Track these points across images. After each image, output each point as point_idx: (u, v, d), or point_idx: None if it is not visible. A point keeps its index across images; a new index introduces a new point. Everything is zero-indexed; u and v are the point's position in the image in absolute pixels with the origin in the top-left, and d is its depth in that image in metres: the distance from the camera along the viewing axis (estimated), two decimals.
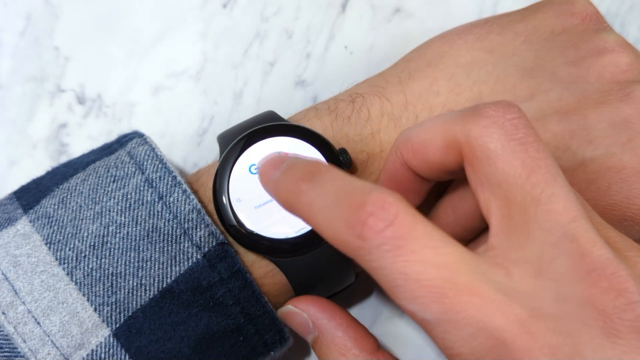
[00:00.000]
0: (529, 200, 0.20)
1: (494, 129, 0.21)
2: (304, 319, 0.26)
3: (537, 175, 0.20)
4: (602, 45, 0.30)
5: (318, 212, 0.21)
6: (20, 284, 0.25)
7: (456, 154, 0.22)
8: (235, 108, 0.36)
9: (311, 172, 0.22)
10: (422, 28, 0.37)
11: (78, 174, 0.27)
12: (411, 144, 0.23)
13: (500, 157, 0.20)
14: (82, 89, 0.35)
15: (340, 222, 0.20)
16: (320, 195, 0.21)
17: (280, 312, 0.27)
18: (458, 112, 0.22)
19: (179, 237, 0.26)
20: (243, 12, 0.37)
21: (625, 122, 0.28)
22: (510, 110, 0.21)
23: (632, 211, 0.27)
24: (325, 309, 0.26)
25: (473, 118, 0.21)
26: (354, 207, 0.20)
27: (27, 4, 0.36)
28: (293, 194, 0.22)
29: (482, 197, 0.21)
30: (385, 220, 0.19)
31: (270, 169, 0.23)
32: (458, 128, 0.21)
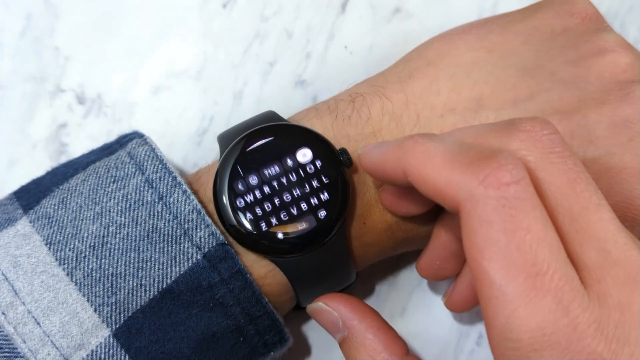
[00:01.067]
0: (577, 209, 0.20)
1: (532, 142, 0.21)
2: (335, 317, 0.26)
3: (580, 185, 0.20)
4: (602, 45, 0.30)
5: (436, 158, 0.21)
6: (20, 284, 0.25)
7: None
8: (235, 108, 0.36)
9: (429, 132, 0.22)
10: (422, 28, 0.37)
11: (78, 175, 0.27)
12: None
13: (541, 169, 0.21)
14: (82, 89, 0.35)
15: (461, 166, 0.20)
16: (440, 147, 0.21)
17: (311, 308, 0.27)
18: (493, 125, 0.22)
19: (179, 238, 0.26)
20: (243, 12, 0.37)
21: (625, 122, 0.28)
22: (547, 127, 0.21)
23: (633, 212, 0.27)
24: (357, 309, 0.26)
25: (510, 132, 0.21)
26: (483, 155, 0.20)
27: (27, 4, 0.36)
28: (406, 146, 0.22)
29: None
30: (513, 176, 0.19)
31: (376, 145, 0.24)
32: (494, 142, 0.21)
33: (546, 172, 0.21)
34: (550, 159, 0.21)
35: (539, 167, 0.21)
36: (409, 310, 0.34)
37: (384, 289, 0.34)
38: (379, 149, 0.24)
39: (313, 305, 0.27)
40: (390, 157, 0.23)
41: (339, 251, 0.27)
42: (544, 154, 0.21)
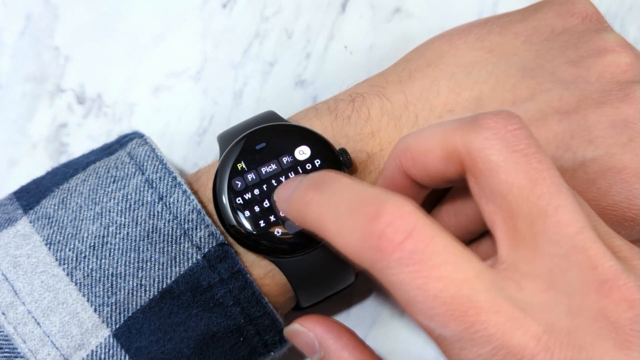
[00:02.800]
0: (535, 212, 0.20)
1: (496, 140, 0.20)
2: (311, 338, 0.25)
3: (541, 186, 0.20)
4: (602, 45, 0.30)
5: (329, 222, 0.20)
6: (20, 284, 0.25)
7: (457, 164, 0.21)
8: (235, 108, 0.36)
9: (320, 182, 0.22)
10: (422, 28, 0.37)
11: (78, 175, 0.27)
12: (410, 153, 0.23)
13: (503, 169, 0.20)
14: (82, 89, 0.35)
15: (354, 233, 0.19)
16: (330, 205, 0.21)
17: (287, 330, 0.26)
18: (458, 122, 0.22)
19: (179, 238, 0.26)
20: (243, 12, 0.37)
21: (625, 122, 0.28)
22: (512, 121, 0.21)
23: (633, 212, 0.27)
24: (332, 329, 0.25)
25: (474, 129, 0.21)
26: (369, 216, 0.19)
27: (27, 4, 0.36)
28: (302, 205, 0.22)
29: (486, 209, 0.21)
30: (403, 231, 0.19)
31: (283, 190, 0.24)
32: (458, 139, 0.21)
33: (508, 172, 0.20)
34: (514, 158, 0.20)
35: (501, 167, 0.20)
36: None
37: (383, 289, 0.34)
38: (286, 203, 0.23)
39: (289, 328, 0.26)
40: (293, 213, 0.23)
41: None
42: (508, 152, 0.20)
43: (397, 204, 0.19)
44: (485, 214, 0.21)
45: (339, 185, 0.21)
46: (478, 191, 0.21)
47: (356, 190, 0.20)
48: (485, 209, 0.21)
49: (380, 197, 0.20)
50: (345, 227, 0.20)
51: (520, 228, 0.20)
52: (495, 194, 0.20)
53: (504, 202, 0.20)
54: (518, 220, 0.20)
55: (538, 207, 0.20)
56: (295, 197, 0.22)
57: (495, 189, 0.20)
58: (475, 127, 0.21)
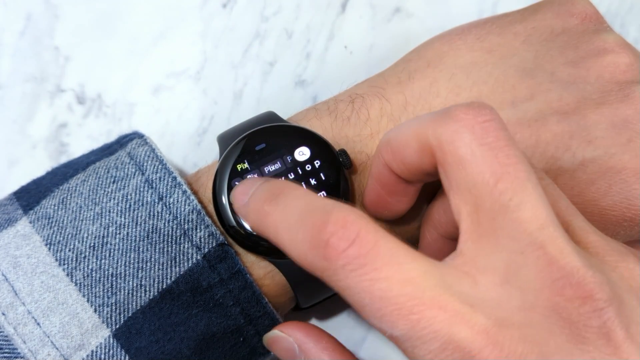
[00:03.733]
0: (497, 207, 0.20)
1: (464, 133, 0.20)
2: (290, 343, 0.25)
3: (505, 182, 0.20)
4: (601, 45, 0.30)
5: (283, 234, 0.21)
6: (20, 284, 0.25)
7: (430, 157, 0.21)
8: (235, 108, 0.36)
9: (275, 194, 0.22)
10: (422, 28, 0.37)
11: (78, 175, 0.27)
12: (390, 147, 0.23)
13: (470, 163, 0.20)
14: (82, 89, 0.35)
15: (304, 244, 0.20)
16: (284, 217, 0.21)
17: (266, 337, 0.27)
18: (431, 115, 0.22)
19: (178, 238, 0.26)
20: (243, 12, 0.37)
21: (624, 122, 0.28)
22: (481, 113, 0.21)
23: (632, 212, 0.27)
24: (311, 333, 0.25)
25: (444, 121, 0.21)
26: (316, 227, 0.20)
27: (27, 4, 0.36)
28: (259, 217, 0.22)
29: (453, 201, 0.21)
30: (347, 239, 0.19)
31: (240, 196, 0.24)
32: (430, 131, 0.21)
33: (474, 166, 0.20)
34: (481, 152, 0.20)
35: (467, 160, 0.20)
36: None
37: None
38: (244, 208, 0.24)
39: (268, 335, 0.26)
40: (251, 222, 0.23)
41: None
42: (476, 145, 0.20)
43: (342, 213, 0.20)
44: (453, 207, 0.21)
45: (292, 196, 0.22)
46: (447, 184, 0.21)
47: (306, 202, 0.21)
48: (453, 201, 0.21)
49: (327, 207, 0.20)
50: (296, 239, 0.20)
51: (483, 223, 0.20)
52: (461, 187, 0.20)
53: (468, 196, 0.20)
54: (480, 214, 0.20)
55: (500, 202, 0.20)
56: (253, 208, 0.23)
57: (461, 183, 0.20)
58: (445, 119, 0.21)
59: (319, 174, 0.27)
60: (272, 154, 0.27)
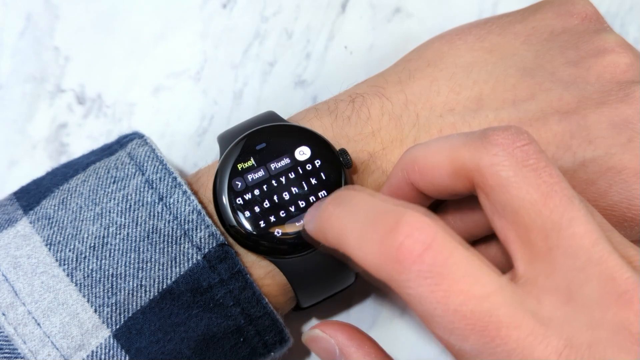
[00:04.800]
0: (549, 226, 0.20)
1: (505, 156, 0.20)
2: (332, 344, 0.25)
3: (554, 200, 0.20)
4: (602, 45, 0.30)
5: (349, 235, 0.20)
6: (21, 285, 0.25)
7: (465, 180, 0.21)
8: (235, 108, 0.36)
9: (341, 196, 0.22)
10: (422, 28, 0.37)
11: (78, 175, 0.27)
12: (418, 166, 0.23)
13: (514, 185, 0.20)
14: (82, 89, 0.35)
15: (373, 246, 0.19)
16: (350, 217, 0.21)
17: (307, 335, 0.26)
18: (465, 137, 0.22)
19: (179, 238, 0.26)
20: (243, 12, 0.37)
21: (625, 122, 0.28)
22: (520, 137, 0.21)
23: (633, 212, 0.27)
24: (354, 336, 0.25)
25: (482, 146, 0.21)
26: (388, 227, 0.19)
27: (27, 4, 0.36)
28: (324, 220, 0.22)
29: (499, 224, 0.21)
30: (423, 242, 0.19)
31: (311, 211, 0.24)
32: (467, 155, 0.21)
33: (519, 188, 0.20)
34: (524, 173, 0.20)
35: (511, 183, 0.20)
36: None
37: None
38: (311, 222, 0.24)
39: (310, 333, 0.26)
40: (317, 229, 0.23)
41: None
42: (517, 168, 0.20)
43: (416, 215, 0.19)
44: (498, 229, 0.21)
45: (358, 199, 0.21)
46: (490, 207, 0.21)
47: (375, 203, 0.20)
48: (498, 224, 0.21)
49: (399, 209, 0.20)
50: (364, 240, 0.20)
51: (535, 242, 0.20)
52: (507, 209, 0.20)
53: (516, 217, 0.20)
54: (532, 234, 0.20)
55: (551, 220, 0.20)
56: (318, 214, 0.22)
57: (507, 205, 0.20)
58: (483, 143, 0.21)
59: (320, 174, 0.27)
60: (273, 154, 0.27)
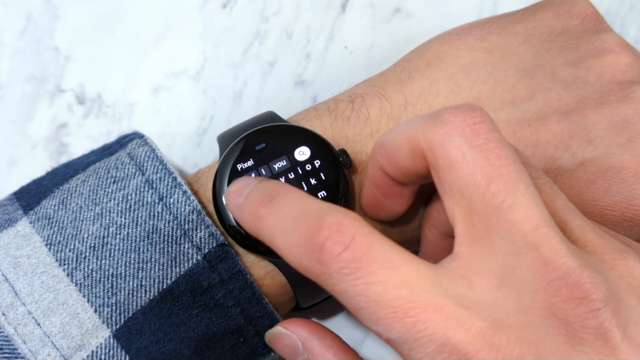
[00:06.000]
0: (490, 209, 0.20)
1: (455, 136, 0.20)
2: (294, 340, 0.25)
3: (497, 183, 0.20)
4: (601, 45, 0.30)
5: (278, 238, 0.21)
6: (21, 285, 0.25)
7: (423, 160, 0.21)
8: (235, 108, 0.36)
9: (270, 196, 0.22)
10: (422, 28, 0.37)
11: (78, 175, 0.27)
12: (384, 150, 0.23)
13: (461, 166, 0.20)
14: (82, 89, 0.35)
15: (299, 248, 0.20)
16: (278, 220, 0.21)
17: (269, 334, 0.26)
18: (422, 118, 0.22)
19: (179, 238, 0.26)
20: (243, 12, 0.37)
21: (624, 122, 0.28)
22: (471, 115, 0.21)
23: (632, 212, 0.27)
24: (314, 330, 0.25)
25: (434, 124, 0.21)
26: (310, 231, 0.20)
27: (27, 4, 0.36)
28: (254, 219, 0.22)
29: (447, 204, 0.21)
30: (342, 243, 0.19)
31: (234, 196, 0.24)
32: (421, 135, 0.21)
33: (465, 169, 0.20)
34: (472, 154, 0.20)
35: (459, 163, 0.20)
36: None
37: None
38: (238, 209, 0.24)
39: (271, 331, 0.26)
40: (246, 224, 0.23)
41: None
42: (466, 148, 0.20)
43: (337, 217, 0.20)
44: (447, 210, 0.21)
45: (286, 199, 0.22)
46: (440, 187, 0.21)
47: (301, 205, 0.21)
48: (447, 204, 0.21)
49: (321, 211, 0.20)
50: (291, 242, 0.20)
51: (477, 225, 0.20)
52: (454, 190, 0.20)
53: (461, 199, 0.20)
54: (474, 217, 0.20)
55: (493, 204, 0.20)
56: (247, 210, 0.23)
57: (454, 185, 0.20)
58: (435, 122, 0.21)
59: (319, 174, 0.27)
60: (272, 154, 0.27)
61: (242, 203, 0.23)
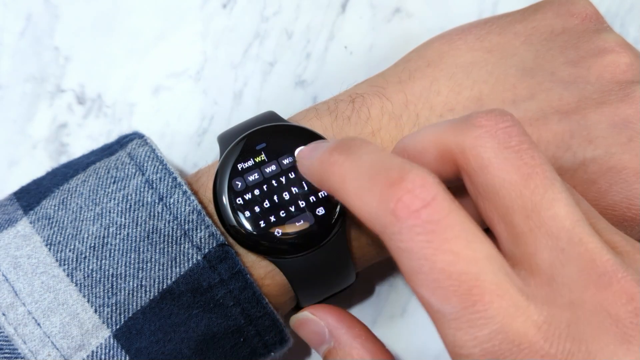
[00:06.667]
0: (530, 205, 0.20)
1: (487, 138, 0.20)
2: (321, 327, 0.25)
3: (534, 181, 0.20)
4: (602, 45, 0.30)
5: (350, 184, 0.20)
6: (21, 285, 0.25)
7: (452, 164, 0.21)
8: (235, 108, 0.36)
9: (347, 145, 0.22)
10: (422, 28, 0.37)
11: (78, 175, 0.27)
12: (407, 154, 0.23)
13: (495, 166, 0.20)
14: (82, 89, 0.35)
15: (373, 195, 0.19)
16: (354, 167, 0.21)
17: (296, 318, 0.26)
18: (451, 122, 0.22)
19: (179, 239, 0.26)
20: (243, 12, 0.37)
21: (625, 122, 0.28)
22: (503, 119, 0.21)
23: (633, 212, 0.27)
24: (343, 319, 0.25)
25: (466, 128, 0.21)
26: (390, 181, 0.19)
27: (27, 4, 0.36)
28: (326, 165, 0.22)
29: (482, 206, 0.21)
30: (422, 199, 0.19)
31: (308, 152, 0.24)
32: (451, 138, 0.21)
33: (500, 169, 0.20)
34: (505, 155, 0.20)
35: (492, 164, 0.20)
36: (409, 310, 0.34)
37: (384, 289, 0.34)
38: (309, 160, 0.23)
39: (298, 316, 0.26)
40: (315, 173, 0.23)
41: (339, 251, 0.27)
42: (499, 149, 0.20)
43: (421, 173, 0.19)
44: (482, 212, 0.21)
45: (365, 150, 0.21)
46: (473, 189, 0.21)
47: (382, 157, 0.20)
48: (481, 206, 0.21)
49: (405, 165, 0.20)
50: (365, 190, 0.20)
51: (517, 223, 0.20)
52: (488, 190, 0.20)
53: (498, 199, 0.20)
54: (514, 215, 0.20)
55: (532, 201, 0.20)
56: (319, 158, 0.22)
57: (488, 186, 0.20)
58: (467, 126, 0.21)
59: None
60: (273, 154, 0.27)
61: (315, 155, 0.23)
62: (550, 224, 0.19)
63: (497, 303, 0.18)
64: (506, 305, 0.18)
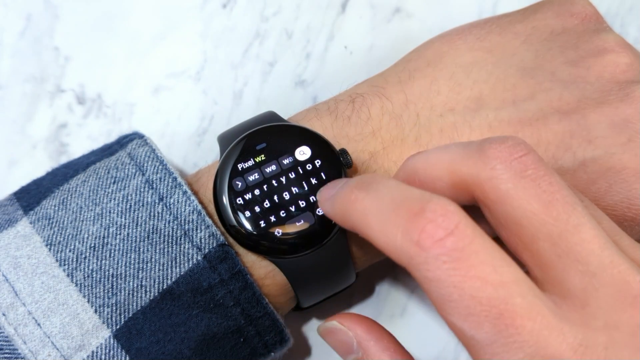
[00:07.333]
0: (555, 233, 0.20)
1: (503, 170, 0.20)
2: (349, 337, 0.25)
3: (556, 207, 0.20)
4: (601, 45, 0.30)
5: (372, 218, 0.21)
6: (21, 285, 0.25)
7: (467, 194, 0.21)
8: (235, 108, 0.36)
9: (367, 181, 0.22)
10: (422, 28, 0.37)
11: (78, 175, 0.27)
12: (418, 178, 0.23)
13: (514, 197, 0.20)
14: (82, 89, 0.35)
15: (397, 228, 0.20)
16: (375, 202, 0.21)
17: (323, 327, 0.26)
18: (463, 150, 0.22)
19: (179, 239, 0.26)
20: (243, 12, 0.37)
21: (625, 122, 0.28)
22: (518, 149, 0.21)
23: (633, 212, 0.27)
24: (373, 330, 0.25)
25: (480, 159, 0.21)
26: (412, 212, 0.19)
27: (27, 4, 0.36)
28: (348, 203, 0.22)
29: (505, 236, 0.21)
30: (445, 228, 0.19)
31: (328, 190, 0.24)
32: (465, 170, 0.21)
33: (520, 199, 0.20)
34: (523, 185, 0.20)
35: (511, 195, 0.20)
36: (409, 310, 0.34)
37: (384, 289, 0.34)
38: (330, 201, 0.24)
39: (326, 325, 0.26)
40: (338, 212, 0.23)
41: (339, 251, 0.27)
42: (516, 180, 0.20)
43: (441, 202, 0.19)
44: (505, 240, 0.21)
45: (384, 185, 0.21)
46: (493, 220, 0.21)
47: (401, 189, 0.21)
48: (504, 235, 0.21)
49: (425, 195, 0.20)
50: (388, 223, 0.20)
51: (544, 252, 0.20)
52: (510, 222, 0.20)
53: (520, 229, 0.20)
54: (539, 243, 0.20)
55: (557, 228, 0.20)
56: (340, 196, 0.22)
57: (509, 217, 0.20)
58: (481, 157, 0.21)
59: (320, 174, 0.27)
60: (273, 154, 0.27)
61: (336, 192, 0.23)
62: (579, 249, 0.19)
63: (529, 326, 0.18)
64: (539, 328, 0.18)
